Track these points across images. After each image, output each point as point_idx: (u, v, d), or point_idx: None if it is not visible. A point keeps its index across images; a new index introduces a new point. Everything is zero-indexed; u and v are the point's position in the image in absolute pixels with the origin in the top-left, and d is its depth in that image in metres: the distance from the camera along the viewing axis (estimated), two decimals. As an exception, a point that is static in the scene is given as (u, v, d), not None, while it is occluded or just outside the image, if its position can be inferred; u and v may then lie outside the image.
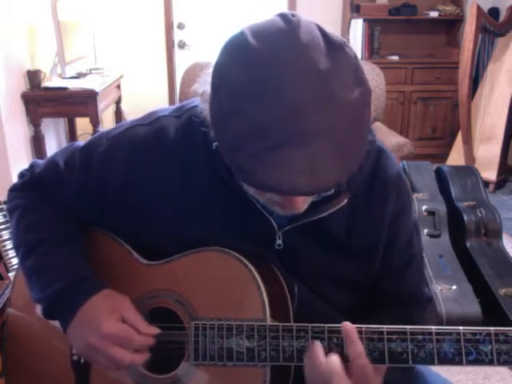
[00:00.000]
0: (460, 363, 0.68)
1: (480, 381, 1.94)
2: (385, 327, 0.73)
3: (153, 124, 0.88)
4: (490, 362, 0.67)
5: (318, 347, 0.74)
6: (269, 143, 0.60)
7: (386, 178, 0.87)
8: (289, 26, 0.64)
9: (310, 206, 0.79)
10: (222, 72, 0.65)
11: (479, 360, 0.68)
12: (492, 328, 0.67)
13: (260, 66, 0.62)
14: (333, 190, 0.80)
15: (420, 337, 0.70)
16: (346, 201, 0.82)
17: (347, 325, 0.73)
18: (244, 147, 0.61)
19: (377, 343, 0.72)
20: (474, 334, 0.68)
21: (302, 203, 0.73)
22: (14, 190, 0.96)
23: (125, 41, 3.97)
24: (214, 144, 0.80)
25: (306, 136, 0.60)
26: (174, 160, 0.84)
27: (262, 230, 0.84)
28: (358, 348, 0.72)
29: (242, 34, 0.66)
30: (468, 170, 2.88)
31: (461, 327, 0.69)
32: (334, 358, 0.72)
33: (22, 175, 0.97)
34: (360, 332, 0.73)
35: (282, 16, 0.66)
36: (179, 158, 0.84)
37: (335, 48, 0.65)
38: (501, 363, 0.67)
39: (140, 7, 3.96)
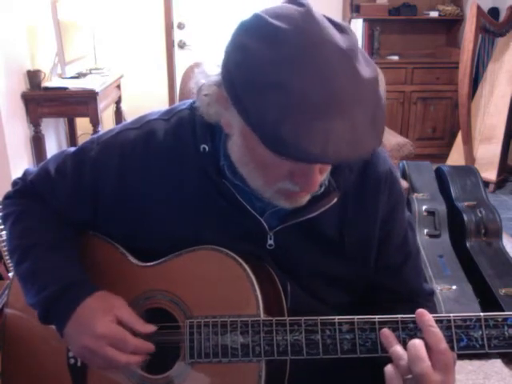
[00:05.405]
0: (451, 350, 0.67)
1: (480, 381, 1.93)
2: (376, 317, 0.73)
3: (142, 127, 0.88)
4: (482, 348, 0.67)
5: (391, 335, 0.70)
6: (311, 114, 0.62)
7: (377, 176, 0.86)
8: (304, 8, 0.67)
9: (300, 206, 0.79)
10: (246, 49, 0.65)
11: (470, 346, 0.68)
12: (482, 313, 0.68)
13: (289, 42, 0.64)
14: (323, 189, 0.80)
15: (411, 325, 0.70)
16: (335, 200, 0.82)
17: (422, 311, 0.69)
18: (286, 119, 0.62)
19: (369, 333, 0.71)
20: (465, 321, 0.68)
21: (318, 183, 0.73)
22: (7, 198, 0.96)
23: (125, 41, 3.97)
24: (202, 146, 0.81)
25: (345, 107, 0.63)
26: (165, 162, 0.85)
27: (253, 231, 0.84)
28: (437, 333, 0.67)
29: (258, 16, 0.67)
30: (468, 170, 2.88)
31: (451, 314, 0.69)
32: (417, 342, 0.66)
33: (15, 183, 0.97)
34: (352, 323, 0.73)
35: (293, 1, 0.69)
36: (169, 161, 0.85)
37: (343, 29, 0.68)
38: (492, 348, 0.67)
39: (140, 7, 3.96)
